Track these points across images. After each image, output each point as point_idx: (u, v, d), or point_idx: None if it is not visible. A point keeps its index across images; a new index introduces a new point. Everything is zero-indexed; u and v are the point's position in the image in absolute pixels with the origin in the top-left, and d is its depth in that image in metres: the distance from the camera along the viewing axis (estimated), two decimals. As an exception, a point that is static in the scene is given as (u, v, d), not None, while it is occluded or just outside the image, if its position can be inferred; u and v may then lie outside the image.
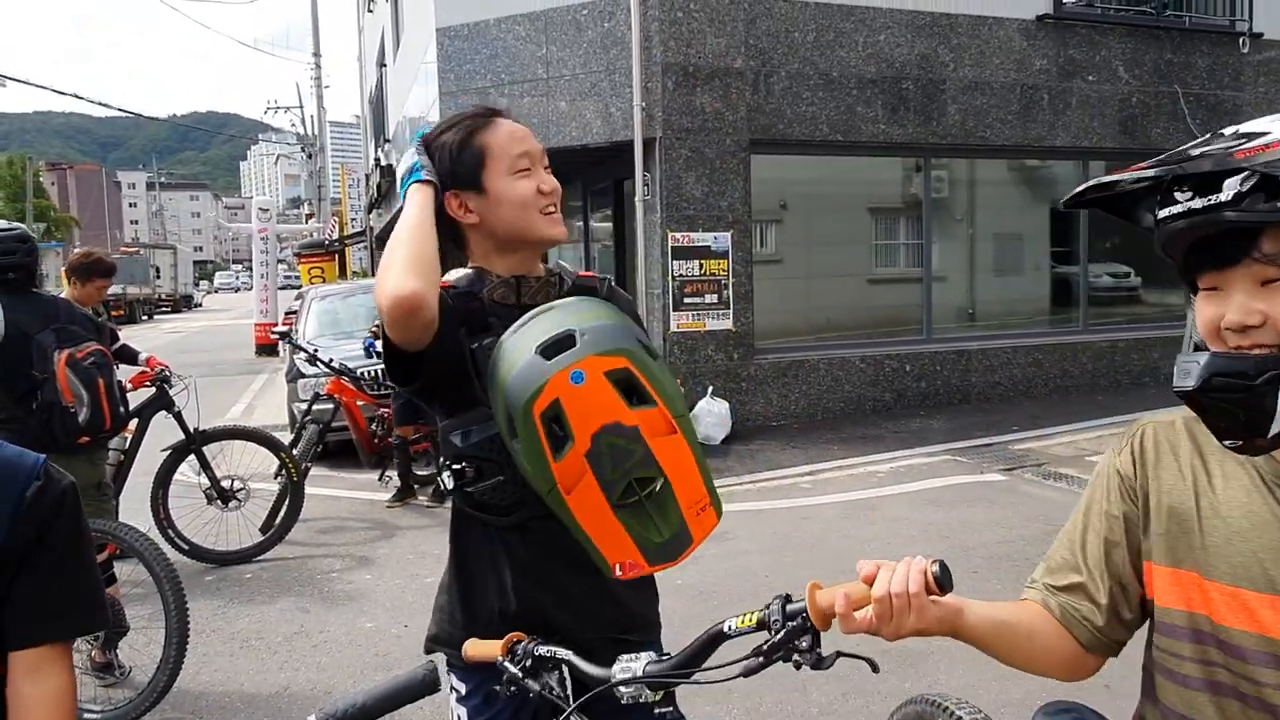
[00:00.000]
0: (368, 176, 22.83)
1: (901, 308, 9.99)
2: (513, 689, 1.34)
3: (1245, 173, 0.94)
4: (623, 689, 1.26)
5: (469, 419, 1.57)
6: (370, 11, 21.35)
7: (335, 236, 24.36)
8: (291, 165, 54.49)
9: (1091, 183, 1.10)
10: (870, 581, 1.09)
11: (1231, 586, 1.06)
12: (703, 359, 8.43)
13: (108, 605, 1.45)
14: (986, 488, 6.50)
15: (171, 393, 5.20)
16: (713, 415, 8.04)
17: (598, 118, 8.49)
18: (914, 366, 9.40)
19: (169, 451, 5.29)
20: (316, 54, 26.03)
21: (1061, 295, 10.76)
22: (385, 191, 18.11)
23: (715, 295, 8.43)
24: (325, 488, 6.76)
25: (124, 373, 5.12)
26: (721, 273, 8.45)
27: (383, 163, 17.63)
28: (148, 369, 5.21)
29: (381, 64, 18.99)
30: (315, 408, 6.66)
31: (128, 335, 5.59)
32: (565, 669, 1.37)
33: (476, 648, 1.41)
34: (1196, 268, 1.03)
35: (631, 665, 1.28)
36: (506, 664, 1.31)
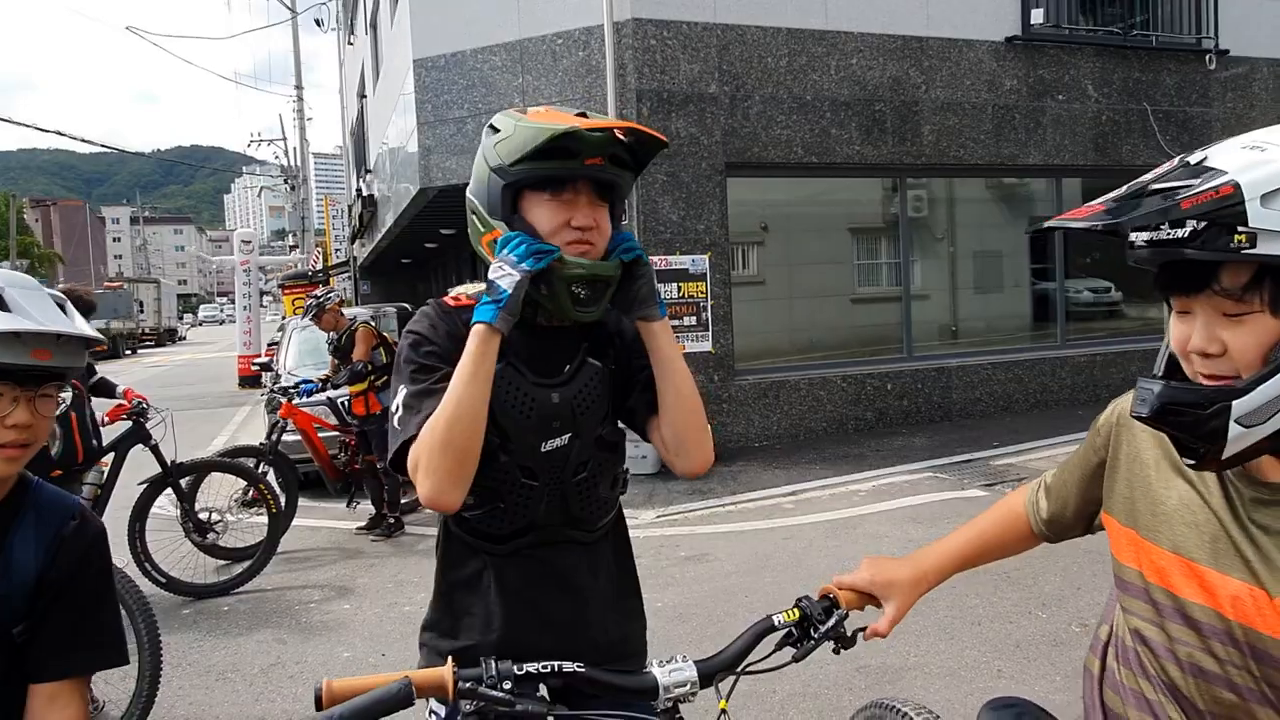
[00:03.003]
0: (350, 207, 22.89)
1: (883, 327, 10.05)
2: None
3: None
4: (674, 690, 1.36)
5: None
6: (350, 44, 21.51)
7: (319, 267, 24.36)
8: (275, 197, 54.55)
9: (1053, 222, 1.13)
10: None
11: (1164, 550, 1.18)
12: (684, 381, 8.43)
13: (126, 641, 1.50)
14: (968, 504, 6.52)
15: (149, 425, 5.18)
16: (695, 437, 8.04)
17: (575, 144, 8.55)
18: (895, 385, 9.44)
19: (146, 484, 5.26)
20: (299, 87, 26.18)
21: (1041, 311, 10.86)
22: (368, 221, 18.16)
23: (694, 318, 8.47)
24: (304, 518, 6.72)
25: (101, 406, 5.11)
26: (700, 295, 8.49)
27: (365, 193, 17.68)
28: (125, 402, 5.19)
29: (362, 95, 19.12)
30: (284, 438, 6.55)
31: (110, 370, 5.58)
32: (542, 685, 1.35)
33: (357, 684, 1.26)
34: (1169, 288, 1.07)
35: (681, 666, 1.38)
36: (485, 690, 1.27)
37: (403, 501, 6.68)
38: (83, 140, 28.36)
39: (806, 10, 8.87)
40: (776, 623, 1.47)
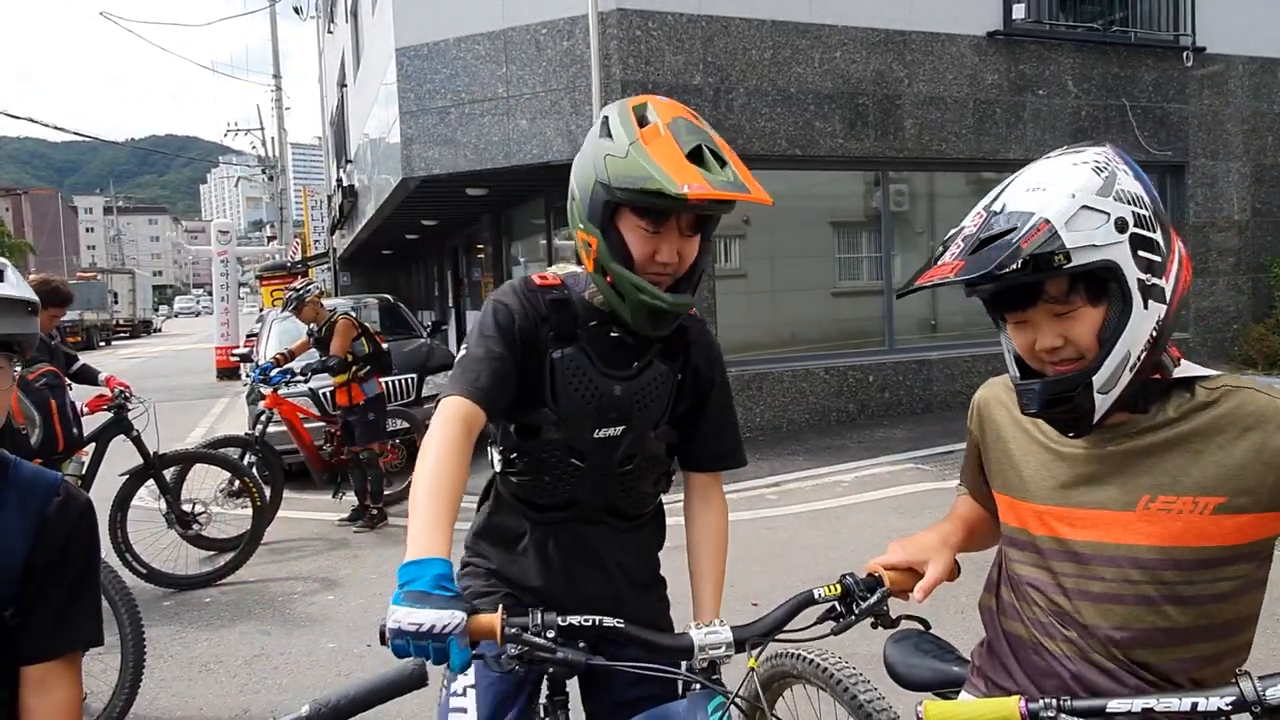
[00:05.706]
0: (330, 197, 22.72)
1: (865, 320, 10.10)
2: (516, 666, 1.32)
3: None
4: (709, 650, 1.41)
5: (534, 418, 1.66)
6: (330, 33, 21.30)
7: (298, 258, 24.17)
8: (253, 188, 54.05)
9: (922, 282, 1.38)
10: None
11: (1034, 504, 1.42)
12: (667, 373, 8.45)
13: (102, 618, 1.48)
14: (949, 494, 6.53)
15: (130, 415, 5.13)
16: (678, 429, 8.06)
17: (559, 135, 8.54)
18: (877, 377, 9.50)
19: (127, 475, 5.20)
20: (277, 75, 25.93)
21: (1019, 305, 10.93)
22: (348, 212, 18.03)
23: (678, 309, 8.46)
24: (287, 509, 6.68)
25: (82, 395, 5.06)
26: (684, 287, 8.48)
27: (345, 183, 17.55)
28: (107, 390, 5.14)
29: (342, 85, 18.95)
30: (269, 428, 6.49)
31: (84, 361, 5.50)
32: (580, 641, 1.38)
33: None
34: (1005, 308, 1.34)
35: (717, 630, 1.44)
36: (530, 636, 1.32)
37: (386, 493, 6.66)
38: (54, 127, 27.78)
39: (790, 3, 8.88)
40: (817, 596, 1.52)
